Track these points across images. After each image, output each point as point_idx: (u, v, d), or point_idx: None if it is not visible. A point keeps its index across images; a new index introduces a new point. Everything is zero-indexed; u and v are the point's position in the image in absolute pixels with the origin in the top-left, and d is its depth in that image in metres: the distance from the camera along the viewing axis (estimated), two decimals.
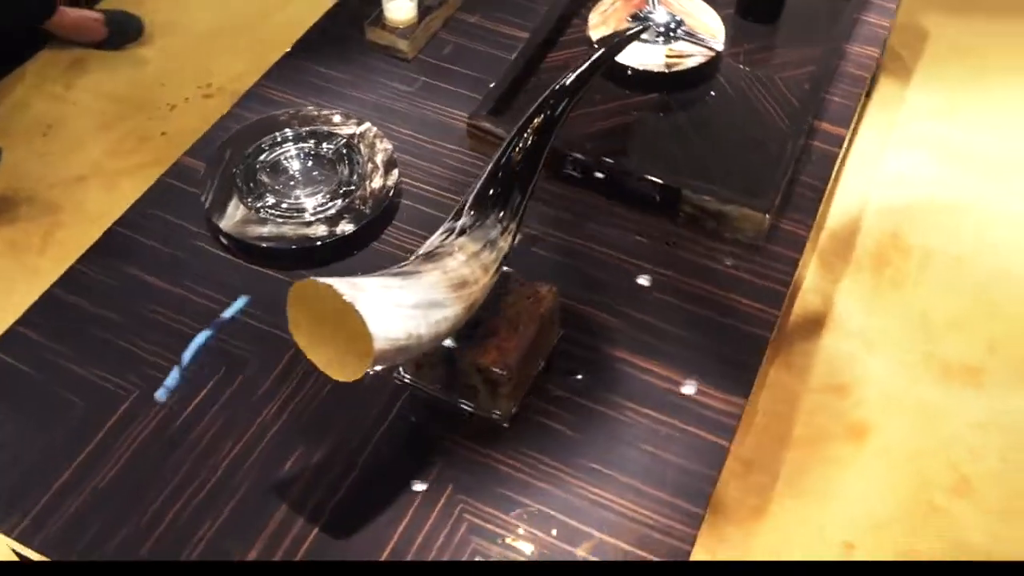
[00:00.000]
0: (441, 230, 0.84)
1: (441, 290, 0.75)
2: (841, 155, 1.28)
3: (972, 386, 1.40)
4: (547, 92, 0.93)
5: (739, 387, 1.02)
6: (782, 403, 1.37)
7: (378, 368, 0.72)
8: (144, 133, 1.75)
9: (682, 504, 0.93)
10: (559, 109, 0.92)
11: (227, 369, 1.01)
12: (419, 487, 0.93)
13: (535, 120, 0.90)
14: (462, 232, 0.83)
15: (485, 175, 0.88)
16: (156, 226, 1.15)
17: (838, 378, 1.40)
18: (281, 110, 1.24)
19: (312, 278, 0.69)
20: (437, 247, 0.80)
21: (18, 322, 1.05)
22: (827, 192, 1.22)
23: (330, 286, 0.67)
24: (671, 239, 1.15)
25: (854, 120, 1.32)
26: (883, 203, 1.64)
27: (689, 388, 1.01)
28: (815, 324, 1.47)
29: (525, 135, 0.90)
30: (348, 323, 0.68)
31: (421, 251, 0.82)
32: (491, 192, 0.88)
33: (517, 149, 0.89)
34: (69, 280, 1.10)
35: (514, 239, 0.88)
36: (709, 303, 1.09)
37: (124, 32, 1.92)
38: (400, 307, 0.71)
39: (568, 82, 0.92)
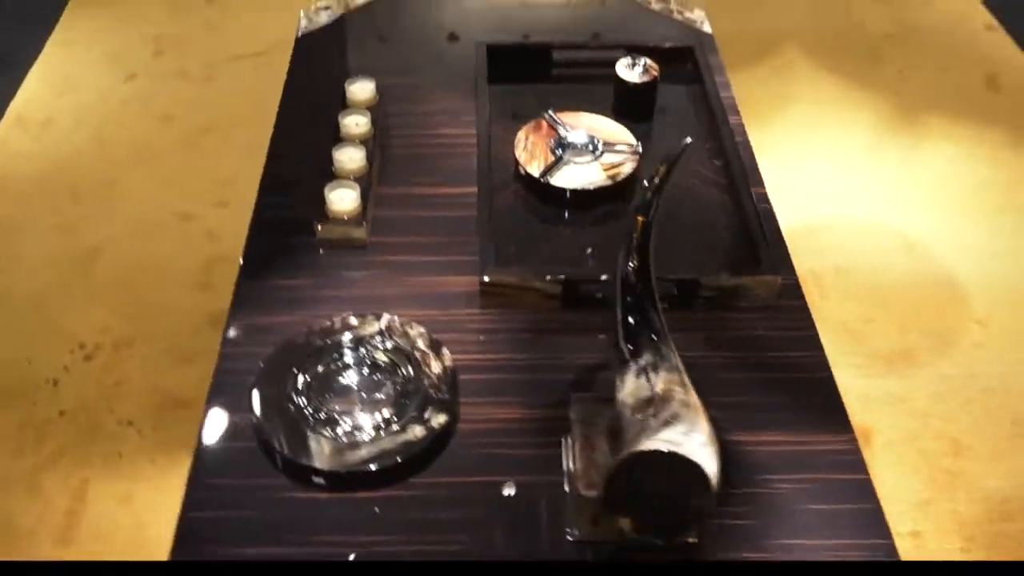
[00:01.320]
0: (630, 375, 0.86)
1: (701, 422, 0.78)
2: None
3: (912, 365, 1.62)
4: (637, 201, 0.99)
5: (841, 426, 1.12)
6: None
7: None
8: (38, 420, 1.54)
9: (871, 541, 1.00)
10: (650, 213, 0.98)
11: None
12: None
13: (635, 234, 0.96)
14: (654, 368, 0.86)
15: (619, 308, 0.92)
16: (229, 497, 1.03)
17: None
18: (289, 335, 1.17)
19: (631, 452, 0.69)
20: (654, 388, 0.82)
21: None
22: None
23: (661, 451, 0.68)
24: (699, 325, 1.24)
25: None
26: None
27: (806, 444, 1.09)
28: None
29: (631, 252, 0.95)
30: (679, 480, 0.69)
31: (631, 402, 0.83)
32: (632, 321, 0.92)
33: (631, 269, 0.94)
34: None
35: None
36: (768, 367, 1.19)
37: None
38: (704, 447, 0.72)
39: (656, 187, 0.99)
